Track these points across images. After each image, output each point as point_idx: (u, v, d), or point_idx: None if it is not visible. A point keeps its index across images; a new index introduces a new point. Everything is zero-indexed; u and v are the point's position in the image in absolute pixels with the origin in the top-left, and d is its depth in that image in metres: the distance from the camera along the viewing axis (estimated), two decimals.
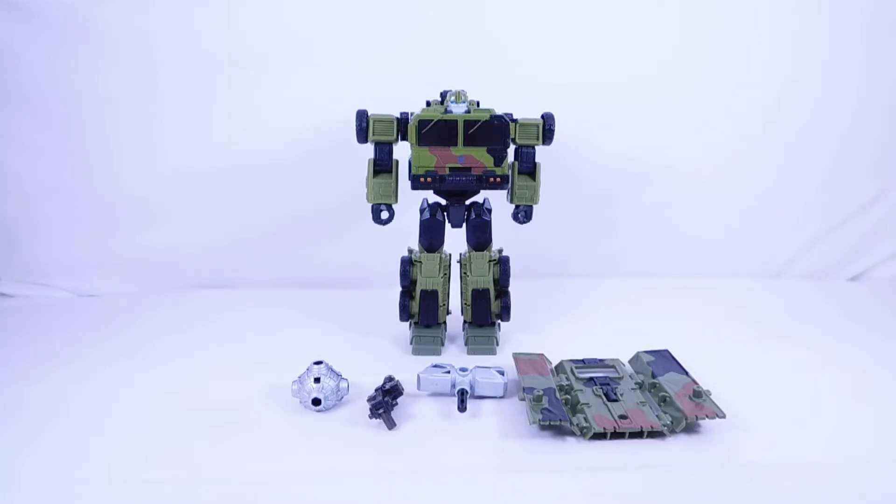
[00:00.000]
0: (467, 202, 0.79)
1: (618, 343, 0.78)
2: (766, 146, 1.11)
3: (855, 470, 0.55)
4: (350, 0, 1.01)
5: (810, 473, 0.55)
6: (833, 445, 0.59)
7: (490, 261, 0.80)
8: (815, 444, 0.60)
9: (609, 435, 0.59)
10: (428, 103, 0.77)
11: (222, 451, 0.58)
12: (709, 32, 1.06)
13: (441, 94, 0.76)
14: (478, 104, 0.75)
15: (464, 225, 0.79)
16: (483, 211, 0.79)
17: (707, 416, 0.59)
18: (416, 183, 0.75)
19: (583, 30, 1.04)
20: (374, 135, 0.75)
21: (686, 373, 0.68)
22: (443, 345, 0.81)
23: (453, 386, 0.66)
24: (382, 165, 0.76)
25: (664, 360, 0.72)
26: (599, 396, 0.65)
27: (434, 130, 0.73)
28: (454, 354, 0.81)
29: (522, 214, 0.79)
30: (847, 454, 0.58)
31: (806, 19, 1.05)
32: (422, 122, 0.73)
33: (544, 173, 0.77)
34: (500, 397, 0.67)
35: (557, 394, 0.64)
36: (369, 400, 0.63)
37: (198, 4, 0.99)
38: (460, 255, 0.82)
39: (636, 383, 0.68)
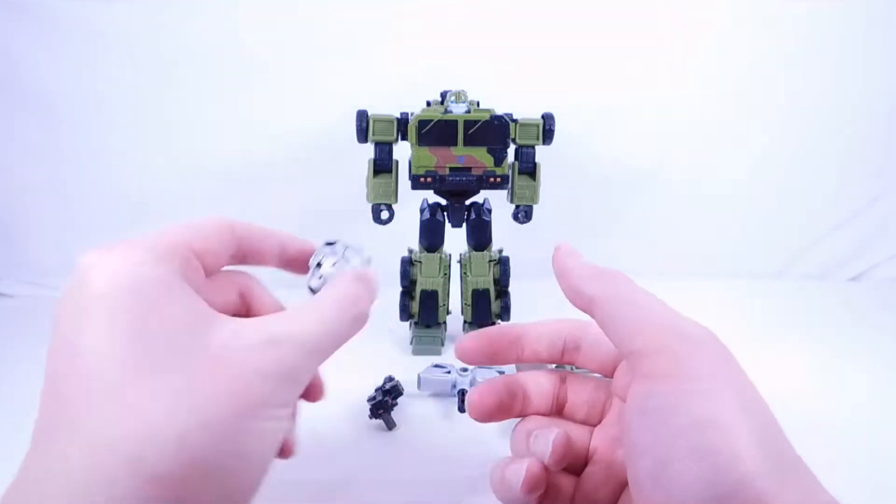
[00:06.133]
0: (467, 202, 0.79)
1: None
2: (767, 148, 1.11)
3: (855, 469, 0.55)
4: (352, 1, 1.01)
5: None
6: (833, 445, 0.59)
7: (490, 261, 0.80)
8: (814, 443, 0.59)
9: None
10: (428, 103, 0.77)
11: None
12: (711, 35, 1.06)
13: (441, 94, 0.76)
14: (478, 104, 0.75)
15: (464, 225, 0.79)
16: (483, 211, 0.79)
17: None
18: (416, 183, 0.75)
19: (584, 30, 1.04)
20: (374, 135, 0.75)
21: None
22: (443, 345, 0.81)
23: (453, 386, 0.66)
24: (382, 165, 0.76)
25: None
26: None
27: (434, 130, 0.73)
28: (454, 354, 0.81)
29: (522, 214, 0.79)
30: (847, 453, 0.58)
31: (807, 24, 1.05)
32: (422, 122, 0.73)
33: (544, 173, 0.77)
34: None
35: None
36: (369, 400, 0.63)
37: (204, 6, 0.99)
38: (460, 255, 0.82)
39: None
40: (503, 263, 0.81)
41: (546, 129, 0.75)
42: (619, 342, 0.35)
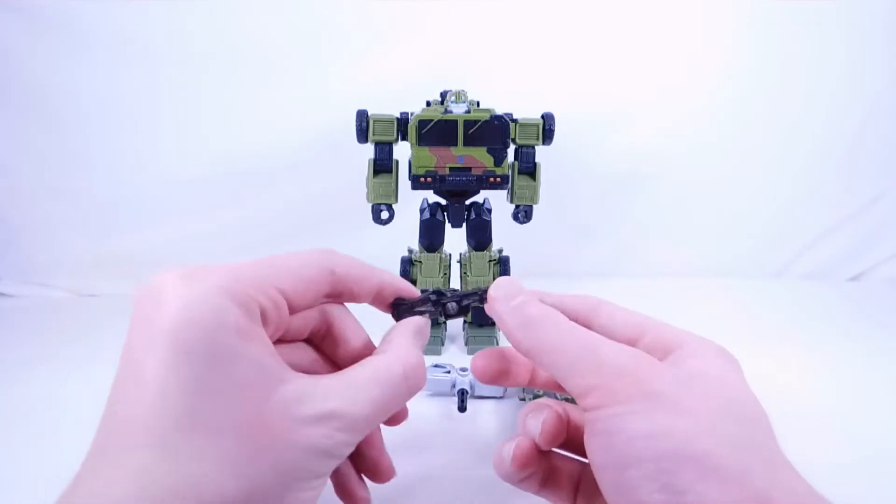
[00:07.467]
0: (467, 202, 0.79)
1: None
2: (767, 147, 1.11)
3: (854, 469, 0.55)
4: (352, 1, 1.01)
5: (808, 473, 0.55)
6: (832, 444, 0.59)
7: (490, 261, 0.80)
8: (813, 443, 0.60)
9: None
10: (428, 103, 0.77)
11: None
12: (710, 34, 1.06)
13: (441, 94, 0.76)
14: (478, 104, 0.75)
15: (464, 225, 0.79)
16: (483, 211, 0.79)
17: None
18: (416, 183, 0.75)
19: (585, 30, 1.04)
20: (374, 135, 0.75)
21: None
22: (443, 345, 0.81)
23: (453, 386, 0.66)
24: (382, 165, 0.76)
25: None
26: None
27: (434, 130, 0.73)
28: (454, 354, 0.81)
29: (522, 214, 0.79)
30: (846, 453, 0.58)
31: (806, 23, 1.05)
32: (422, 122, 0.73)
33: (544, 173, 0.77)
34: (500, 397, 0.67)
35: (558, 394, 0.64)
36: None
37: (203, 6, 0.99)
38: (460, 255, 0.82)
39: None
40: (503, 263, 0.81)
41: (546, 129, 0.75)
42: (558, 382, 0.38)
